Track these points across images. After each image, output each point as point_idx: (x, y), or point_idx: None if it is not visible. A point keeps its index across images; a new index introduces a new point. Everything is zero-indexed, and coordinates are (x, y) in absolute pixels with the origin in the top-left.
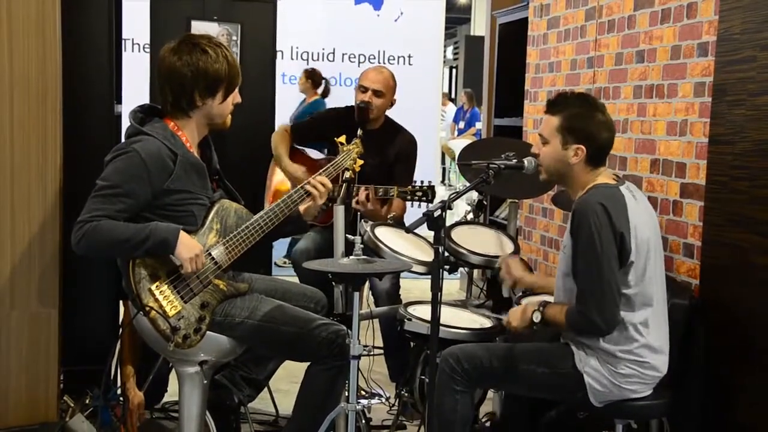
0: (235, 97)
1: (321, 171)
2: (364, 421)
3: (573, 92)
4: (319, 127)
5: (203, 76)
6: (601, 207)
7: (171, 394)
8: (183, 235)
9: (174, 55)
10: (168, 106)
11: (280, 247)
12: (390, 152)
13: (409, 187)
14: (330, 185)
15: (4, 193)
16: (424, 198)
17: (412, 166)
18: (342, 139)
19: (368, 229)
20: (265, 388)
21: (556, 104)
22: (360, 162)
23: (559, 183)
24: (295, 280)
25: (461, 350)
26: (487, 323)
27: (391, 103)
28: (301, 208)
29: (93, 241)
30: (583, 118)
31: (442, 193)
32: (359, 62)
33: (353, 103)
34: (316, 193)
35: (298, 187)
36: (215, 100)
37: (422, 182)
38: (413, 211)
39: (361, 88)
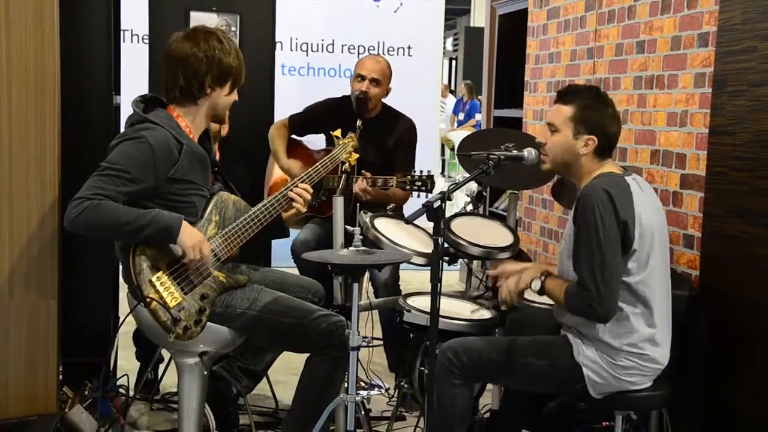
0: (235, 95)
1: (316, 165)
2: (363, 412)
3: (584, 84)
4: (316, 117)
5: (217, 64)
6: (606, 194)
7: (171, 385)
8: (186, 224)
9: (188, 41)
10: (176, 92)
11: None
12: (390, 139)
13: (408, 176)
14: (311, 192)
15: (2, 185)
16: (423, 187)
17: (413, 151)
18: (338, 132)
19: (367, 220)
20: (265, 380)
21: (569, 94)
22: (356, 156)
23: (563, 173)
24: (295, 271)
25: (460, 344)
26: (487, 314)
27: (387, 92)
28: (284, 214)
29: (92, 218)
30: (596, 110)
31: (441, 185)
32: (359, 53)
33: (349, 93)
34: (299, 204)
35: (283, 191)
36: (223, 90)
37: (421, 171)
38: (412, 202)
39: (359, 77)
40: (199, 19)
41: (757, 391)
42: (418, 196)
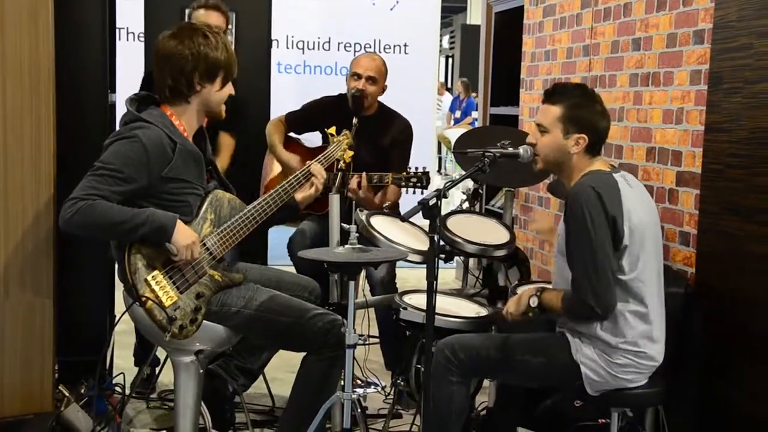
0: (230, 88)
1: (314, 161)
2: (359, 410)
3: (570, 82)
4: (312, 115)
5: (204, 60)
6: (593, 191)
7: (167, 383)
8: (180, 224)
9: (174, 39)
10: (166, 91)
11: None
12: (385, 138)
13: (404, 173)
14: (324, 174)
15: None
16: (419, 184)
17: (407, 151)
18: (332, 130)
19: (363, 218)
20: (262, 378)
21: (555, 93)
22: (350, 153)
23: (555, 172)
24: (291, 269)
25: (457, 341)
26: (483, 312)
27: (383, 89)
28: (299, 196)
29: (86, 218)
30: (585, 108)
31: (438, 183)
32: (355, 51)
33: (345, 91)
34: (319, 182)
35: (298, 173)
36: (213, 86)
37: (417, 168)
38: (408, 199)
39: (355, 76)
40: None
41: (753, 388)
42: (414, 192)
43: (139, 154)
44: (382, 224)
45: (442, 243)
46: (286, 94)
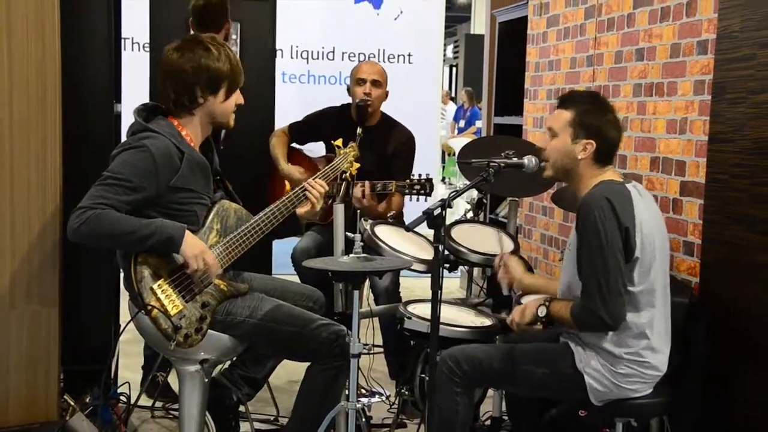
0: (238, 97)
1: (318, 174)
2: (364, 420)
3: (586, 90)
4: (316, 126)
5: (204, 72)
6: (607, 201)
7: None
8: (188, 234)
9: (176, 52)
10: (171, 104)
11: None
12: (388, 148)
13: (407, 180)
14: (327, 188)
15: (3, 193)
16: (423, 191)
17: (410, 161)
18: (339, 142)
19: (368, 227)
20: (266, 387)
21: (569, 99)
22: (357, 165)
23: (564, 180)
24: (296, 278)
25: (460, 352)
26: (487, 322)
27: (386, 95)
28: (299, 211)
29: (95, 228)
30: (596, 115)
31: (442, 192)
32: (359, 61)
33: (349, 102)
34: (313, 197)
35: (297, 189)
36: (217, 97)
37: (420, 175)
38: (413, 208)
39: (360, 81)
40: None
41: (756, 397)
42: (417, 200)
43: (148, 164)
44: (386, 233)
45: (446, 252)
46: (291, 104)
